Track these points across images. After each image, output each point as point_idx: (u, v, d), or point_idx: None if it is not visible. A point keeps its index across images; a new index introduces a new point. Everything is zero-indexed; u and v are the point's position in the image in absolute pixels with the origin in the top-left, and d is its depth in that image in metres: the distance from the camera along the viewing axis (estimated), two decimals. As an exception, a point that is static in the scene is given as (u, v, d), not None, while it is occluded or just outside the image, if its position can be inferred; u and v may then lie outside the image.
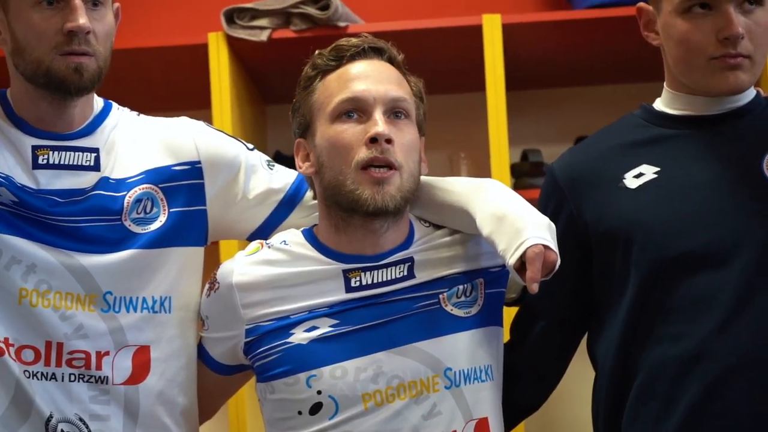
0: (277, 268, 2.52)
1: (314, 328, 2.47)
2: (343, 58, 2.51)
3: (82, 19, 2.45)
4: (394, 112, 2.48)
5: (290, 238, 2.56)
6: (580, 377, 2.79)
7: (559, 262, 2.38)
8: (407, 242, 2.54)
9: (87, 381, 2.51)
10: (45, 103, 2.53)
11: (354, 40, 2.53)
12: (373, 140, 2.42)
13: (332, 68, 2.51)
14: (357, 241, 2.50)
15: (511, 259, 2.35)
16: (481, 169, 3.66)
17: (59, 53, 2.47)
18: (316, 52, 2.56)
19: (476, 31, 3.62)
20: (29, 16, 2.48)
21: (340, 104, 2.46)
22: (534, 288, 2.32)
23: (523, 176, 3.83)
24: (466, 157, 3.85)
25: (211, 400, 2.71)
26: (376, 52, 2.53)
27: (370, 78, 2.48)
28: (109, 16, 2.54)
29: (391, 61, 2.54)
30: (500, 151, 3.61)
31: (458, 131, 3.51)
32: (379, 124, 2.43)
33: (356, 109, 2.46)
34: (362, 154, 2.43)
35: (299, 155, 2.55)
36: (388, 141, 2.43)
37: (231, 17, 3.68)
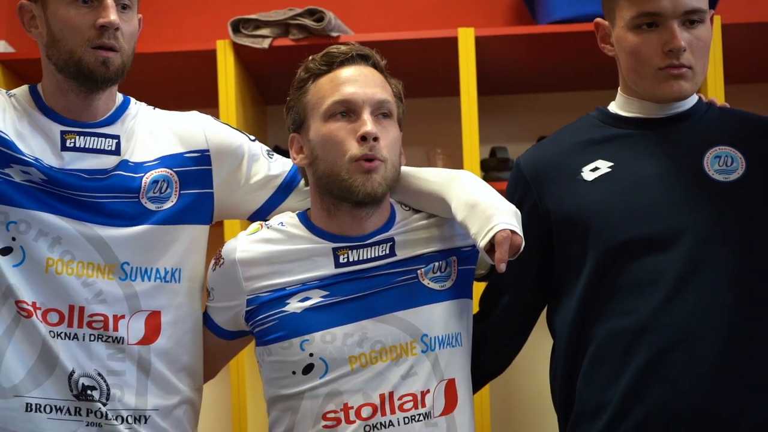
0: (275, 246, 2.52)
1: (307, 298, 2.48)
2: (333, 63, 2.51)
3: (114, 16, 2.46)
4: (380, 112, 2.49)
5: (286, 220, 2.57)
6: (539, 346, 2.77)
7: (523, 245, 2.38)
8: (389, 224, 2.55)
9: (105, 341, 2.50)
10: (73, 94, 2.53)
11: (343, 48, 2.53)
12: (364, 138, 2.43)
13: (324, 72, 2.51)
14: (345, 224, 2.51)
15: (482, 242, 2.36)
16: (455, 164, 3.65)
17: (90, 46, 2.47)
18: (309, 57, 2.56)
19: (452, 43, 3.62)
20: (66, 12, 2.48)
21: (332, 105, 2.47)
22: (502, 267, 2.33)
23: (491, 170, 3.83)
24: (441, 153, 3.84)
25: (214, 362, 2.71)
26: (363, 59, 2.53)
27: (359, 82, 2.49)
28: (135, 20, 2.55)
29: (376, 66, 2.54)
30: (471, 148, 3.60)
31: (435, 130, 3.51)
32: (368, 124, 2.44)
33: (347, 110, 2.47)
34: (354, 150, 2.44)
35: (293, 148, 2.55)
36: (375, 139, 2.44)
37: (237, 27, 3.67)
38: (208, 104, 3.03)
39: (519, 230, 2.38)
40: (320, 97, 2.49)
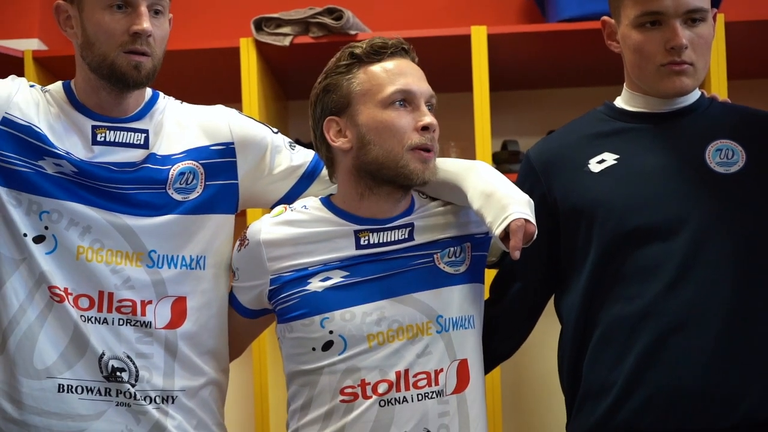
0: (298, 228, 2.53)
1: (328, 278, 2.49)
2: (384, 53, 2.50)
3: (147, 24, 2.47)
4: (430, 105, 2.51)
5: (310, 203, 2.58)
6: (547, 330, 2.79)
7: (536, 233, 2.39)
8: (409, 210, 2.56)
9: (133, 325, 2.52)
10: (105, 92, 2.54)
11: (391, 40, 2.53)
12: (424, 128, 2.46)
13: (375, 60, 2.50)
14: (375, 207, 2.52)
15: (497, 230, 2.38)
16: (468, 156, 3.57)
17: (123, 51, 2.48)
18: (350, 44, 2.55)
19: (465, 41, 3.63)
20: (101, 17, 2.48)
21: (394, 93, 2.47)
22: (516, 255, 2.34)
23: (502, 163, 3.83)
24: (455, 146, 3.85)
25: (238, 340, 2.71)
26: (407, 52, 2.54)
27: (415, 75, 2.51)
28: (166, 24, 2.55)
29: (414, 60, 2.56)
30: (484, 141, 3.61)
31: (449, 124, 3.50)
32: (429, 115, 2.48)
33: (405, 100, 2.48)
34: (416, 138, 2.46)
35: (331, 131, 2.52)
36: (434, 130, 2.48)
37: (259, 25, 3.67)
38: (232, 99, 3.05)
39: (532, 219, 2.39)
40: (376, 84, 2.48)
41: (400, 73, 2.49)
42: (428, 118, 2.47)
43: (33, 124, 2.52)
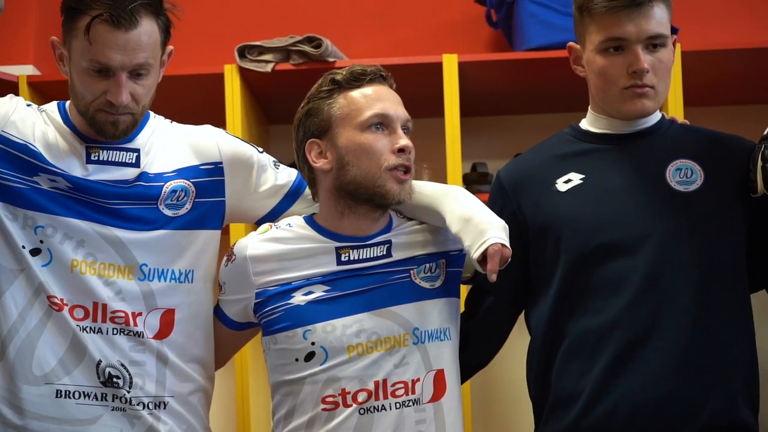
0: (282, 244, 2.52)
1: (311, 292, 2.48)
2: (363, 80, 2.51)
3: (123, 97, 2.43)
4: (406, 128, 2.51)
5: (294, 221, 2.57)
6: (515, 341, 2.77)
7: (511, 257, 2.39)
8: (387, 228, 2.55)
9: (126, 335, 2.49)
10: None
11: (370, 68, 2.54)
12: (401, 150, 2.46)
13: (354, 86, 2.51)
14: (354, 225, 2.52)
15: (476, 254, 2.38)
16: (439, 178, 3.65)
17: (102, 108, 2.46)
18: (331, 71, 2.56)
19: (437, 68, 3.62)
20: (83, 74, 2.45)
21: (371, 117, 2.47)
22: (493, 278, 2.34)
23: (472, 183, 3.82)
24: (427, 168, 3.84)
25: (224, 352, 2.70)
26: (384, 79, 2.54)
27: (391, 101, 2.51)
28: (152, 77, 2.49)
29: (391, 87, 2.56)
30: (455, 163, 3.60)
31: (421, 147, 3.48)
32: (405, 138, 2.48)
33: (382, 123, 2.48)
34: (393, 160, 2.46)
35: (312, 152, 2.52)
36: (410, 152, 2.48)
37: (243, 52, 3.67)
38: (216, 123, 3.01)
39: (508, 243, 2.40)
40: (355, 109, 2.48)
41: (378, 99, 2.50)
42: (404, 141, 2.47)
43: (29, 142, 2.50)
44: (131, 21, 2.40)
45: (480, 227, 2.40)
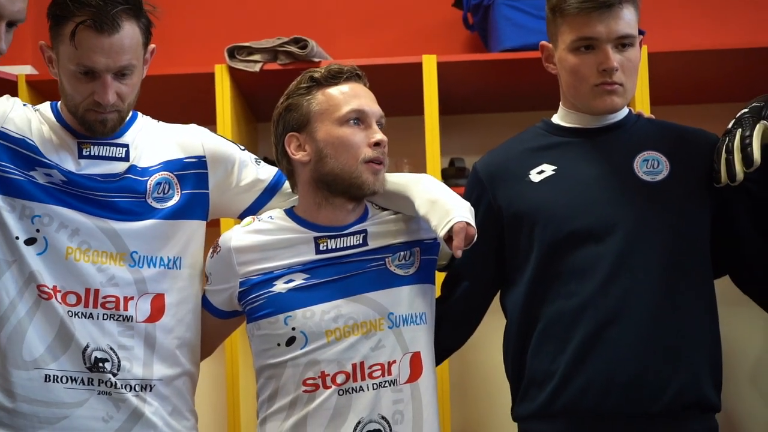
0: (264, 236, 2.52)
1: (291, 280, 2.47)
2: (341, 78, 2.52)
3: (109, 97, 2.43)
4: (380, 123, 2.52)
5: (275, 214, 2.57)
6: (491, 325, 2.75)
7: (476, 235, 2.39)
8: (362, 218, 2.55)
9: (116, 319, 2.48)
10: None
11: (346, 66, 2.54)
12: (377, 144, 2.47)
13: (332, 84, 2.51)
14: (331, 216, 2.51)
15: (442, 232, 2.38)
16: (419, 172, 3.60)
17: (89, 108, 2.46)
18: (308, 70, 2.56)
19: (417, 68, 3.60)
20: (70, 76, 2.44)
21: (348, 113, 2.48)
22: (458, 253, 2.35)
23: (450, 178, 3.81)
24: (407, 163, 3.83)
25: (211, 340, 2.69)
26: (360, 78, 2.55)
27: (367, 98, 2.52)
28: (136, 76, 2.49)
29: (366, 85, 2.56)
30: (433, 159, 3.60)
31: (402, 144, 3.49)
32: (380, 133, 2.49)
33: (359, 119, 2.48)
34: (369, 153, 2.47)
35: (291, 145, 2.52)
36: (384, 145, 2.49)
37: (232, 53, 3.65)
38: (207, 121, 3.01)
39: (473, 222, 2.40)
40: (333, 104, 2.49)
41: (355, 95, 2.50)
42: (379, 135, 2.48)
43: (26, 137, 2.50)
44: (113, 26, 2.39)
45: (445, 207, 2.41)
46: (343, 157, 2.46)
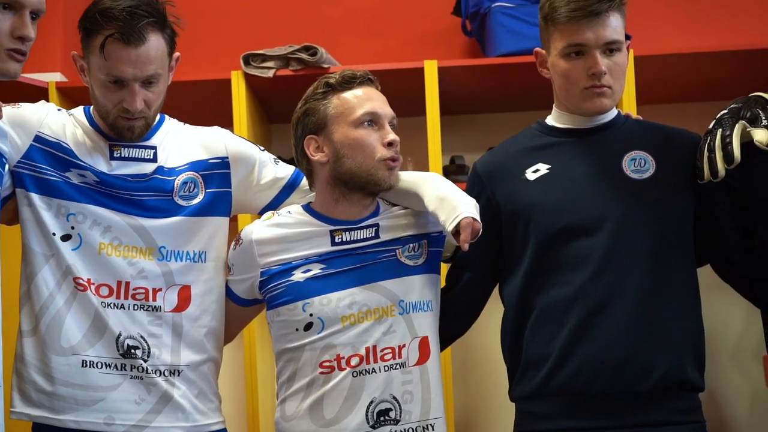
0: (283, 229, 2.53)
1: (309, 270, 2.49)
2: (354, 82, 2.53)
3: (137, 104, 2.45)
4: (392, 123, 2.53)
5: (293, 209, 2.58)
6: (490, 312, 2.77)
7: (481, 230, 2.40)
8: (375, 213, 2.56)
9: (146, 310, 2.50)
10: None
11: (359, 72, 2.55)
12: (390, 144, 2.48)
13: (346, 88, 2.52)
14: (347, 210, 2.53)
15: (450, 227, 2.39)
16: (422, 169, 3.62)
17: (119, 115, 2.47)
18: (323, 76, 2.57)
19: (419, 72, 3.60)
20: (100, 84, 2.46)
21: (363, 115, 2.49)
22: (466, 247, 2.36)
23: (450, 174, 3.80)
24: (411, 161, 3.83)
25: (233, 326, 2.69)
26: (372, 82, 2.56)
27: (379, 100, 2.53)
28: (162, 84, 2.50)
29: (378, 88, 2.57)
30: (435, 157, 3.60)
31: (406, 143, 3.45)
32: (392, 133, 2.50)
33: (373, 120, 2.49)
34: (384, 152, 2.48)
35: (311, 147, 2.53)
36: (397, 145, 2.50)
37: (247, 60, 3.65)
38: (224, 123, 3.02)
39: (478, 218, 2.41)
40: (348, 108, 2.50)
41: (368, 99, 2.51)
42: (392, 135, 2.50)
43: (61, 140, 2.52)
44: (140, 38, 2.41)
45: (453, 204, 2.42)
46: (359, 157, 2.47)
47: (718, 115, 2.50)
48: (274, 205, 2.68)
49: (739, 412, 3.81)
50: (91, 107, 2.57)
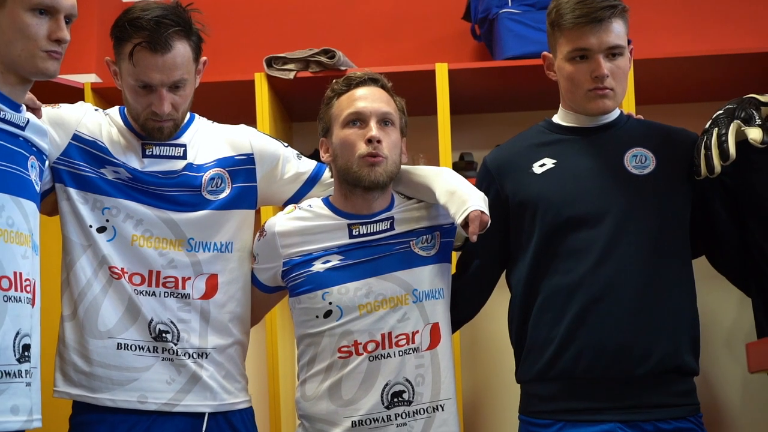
0: (304, 222, 2.54)
1: (328, 261, 2.49)
2: (351, 84, 2.53)
3: (165, 108, 2.46)
4: (384, 121, 2.49)
5: (314, 203, 2.59)
6: (498, 298, 2.77)
7: (489, 222, 2.41)
8: (389, 206, 2.56)
9: (176, 297, 2.51)
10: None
11: (359, 73, 2.55)
12: (369, 141, 2.45)
13: (344, 91, 2.53)
14: (358, 205, 2.53)
15: (459, 219, 2.39)
16: (433, 165, 3.63)
17: (148, 117, 2.48)
18: (333, 80, 2.57)
19: (431, 74, 3.59)
20: (130, 88, 2.48)
21: (348, 115, 2.49)
22: (474, 238, 2.37)
23: (460, 170, 3.77)
24: (423, 157, 3.82)
25: (258, 311, 2.70)
26: (374, 81, 2.54)
27: (369, 98, 2.50)
28: (189, 88, 2.51)
29: (383, 87, 2.55)
30: (445, 153, 3.58)
31: (418, 140, 3.50)
32: (373, 129, 2.46)
33: (358, 119, 2.48)
34: (362, 149, 2.46)
35: (322, 149, 2.56)
36: (378, 141, 2.45)
37: (270, 62, 3.65)
38: (248, 121, 3.02)
39: (487, 211, 2.41)
40: (340, 110, 2.51)
41: (357, 99, 2.51)
42: (372, 132, 2.46)
43: (97, 139, 2.53)
44: (166, 46, 2.42)
45: (463, 197, 2.42)
46: (345, 155, 2.48)
47: (714, 115, 2.50)
48: (297, 197, 2.68)
49: (730, 395, 3.80)
50: (125, 108, 2.58)
